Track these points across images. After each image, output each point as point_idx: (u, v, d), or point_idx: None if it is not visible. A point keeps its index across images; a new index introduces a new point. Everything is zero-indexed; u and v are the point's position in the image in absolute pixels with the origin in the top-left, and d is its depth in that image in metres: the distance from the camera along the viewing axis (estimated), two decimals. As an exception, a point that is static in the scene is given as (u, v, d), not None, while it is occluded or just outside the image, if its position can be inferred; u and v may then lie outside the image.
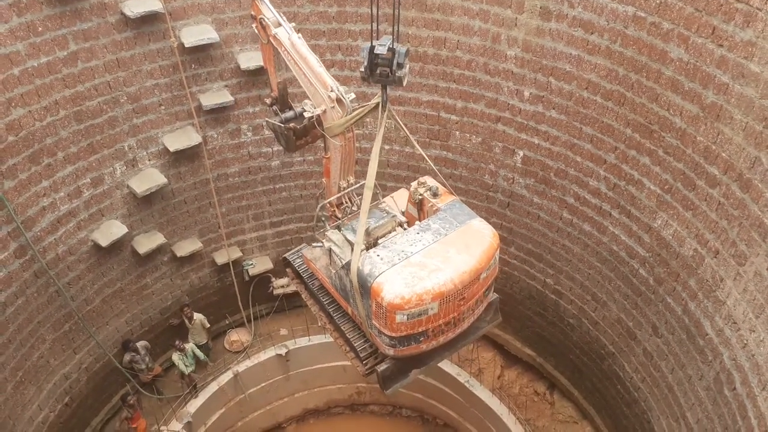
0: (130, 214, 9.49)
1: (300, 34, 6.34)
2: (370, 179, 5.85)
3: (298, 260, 7.76)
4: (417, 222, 6.42)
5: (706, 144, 6.65)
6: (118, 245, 9.40)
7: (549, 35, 7.90)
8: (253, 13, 6.60)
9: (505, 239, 9.97)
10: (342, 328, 7.02)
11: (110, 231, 9.18)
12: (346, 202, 6.98)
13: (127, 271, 9.91)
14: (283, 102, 6.84)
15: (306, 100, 6.48)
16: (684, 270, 7.36)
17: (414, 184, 6.68)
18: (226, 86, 9.42)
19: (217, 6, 8.74)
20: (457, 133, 9.54)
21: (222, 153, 10.04)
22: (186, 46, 8.58)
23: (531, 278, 10.15)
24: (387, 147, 10.20)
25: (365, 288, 5.84)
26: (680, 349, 7.67)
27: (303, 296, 7.86)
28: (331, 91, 5.93)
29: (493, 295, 6.75)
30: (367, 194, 5.89)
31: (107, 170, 8.96)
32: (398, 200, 6.94)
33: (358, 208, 6.75)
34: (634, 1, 6.90)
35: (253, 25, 6.71)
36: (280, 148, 10.24)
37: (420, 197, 6.56)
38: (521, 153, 9.09)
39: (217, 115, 9.61)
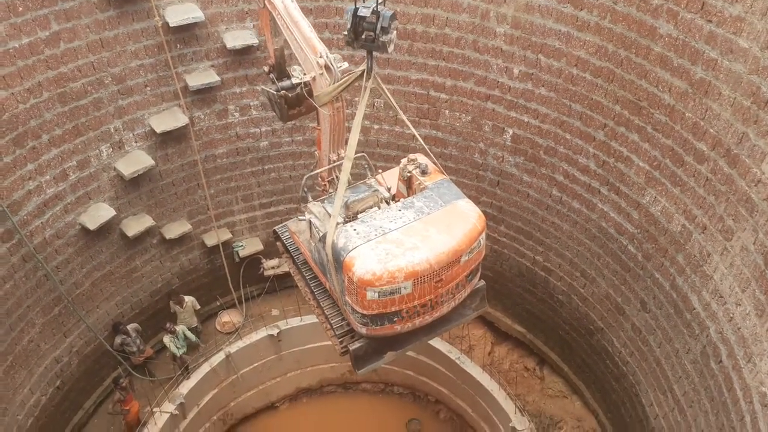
0: (117, 196, 9.40)
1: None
2: (351, 149, 5.69)
3: (288, 234, 7.66)
4: (402, 199, 6.27)
5: (695, 120, 6.68)
6: (106, 228, 9.33)
7: (538, 12, 7.85)
8: None
9: (495, 217, 10.00)
10: (321, 304, 6.89)
11: (98, 214, 9.10)
12: (337, 176, 6.79)
13: (116, 254, 9.85)
14: (280, 70, 6.71)
15: (295, 66, 6.35)
16: (672, 246, 7.44)
17: (404, 161, 6.55)
18: (212, 66, 9.30)
19: (201, -16, 8.60)
20: (447, 111, 9.50)
21: (209, 134, 9.94)
22: (171, 25, 8.44)
23: (521, 256, 10.21)
24: (376, 126, 10.15)
25: (339, 262, 5.70)
26: (668, 324, 7.78)
27: (291, 271, 7.75)
28: (320, 57, 5.73)
29: (479, 282, 6.59)
30: (347, 165, 5.74)
31: (93, 153, 8.85)
32: (389, 178, 6.79)
33: (350, 181, 6.56)
34: (624, -24, 6.87)
35: None
36: (269, 128, 10.28)
37: (409, 174, 6.43)
38: (511, 131, 9.09)
39: (204, 95, 9.49)
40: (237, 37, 9.07)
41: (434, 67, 9.17)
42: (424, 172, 6.37)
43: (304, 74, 6.13)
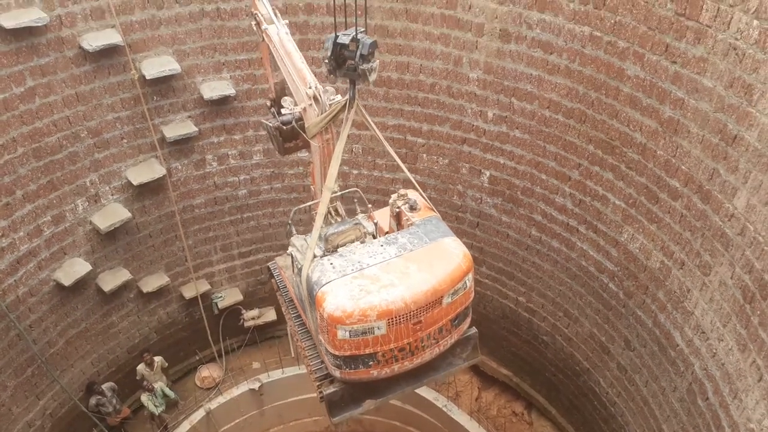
0: (93, 251, 9.24)
1: (288, 30, 6.20)
2: (330, 179, 5.53)
3: (278, 270, 7.49)
4: (386, 234, 6.05)
5: (666, 158, 6.81)
6: (81, 284, 9.13)
7: (509, 57, 8.06)
8: (253, 10, 6.58)
9: (476, 259, 9.99)
10: (302, 344, 6.57)
11: (73, 269, 8.91)
12: (330, 210, 6.59)
13: (91, 310, 9.61)
14: (280, 104, 6.73)
15: (286, 97, 6.35)
16: (652, 282, 7.47)
17: (394, 196, 6.35)
18: (189, 117, 9.34)
19: (177, 37, 8.69)
20: (424, 155, 9.60)
21: (187, 184, 9.90)
22: (147, 78, 8.49)
23: (503, 297, 10.18)
24: (356, 171, 10.20)
25: (312, 297, 5.42)
26: (653, 362, 7.74)
27: (283, 309, 7.47)
28: (309, 87, 5.67)
29: (470, 329, 6.24)
30: (326, 195, 5.57)
31: (69, 207, 8.73)
32: (381, 215, 6.54)
33: (341, 216, 6.47)
34: (590, 21, 7.09)
35: (253, 23, 6.67)
36: (247, 176, 10.28)
37: (397, 210, 6.22)
38: (488, 173, 9.18)
39: (182, 146, 9.49)
40: (214, 88, 9.15)
41: (410, 112, 9.31)
42: (412, 208, 6.14)
43: (295, 105, 6.10)
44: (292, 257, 6.19)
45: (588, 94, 7.50)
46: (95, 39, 7.93)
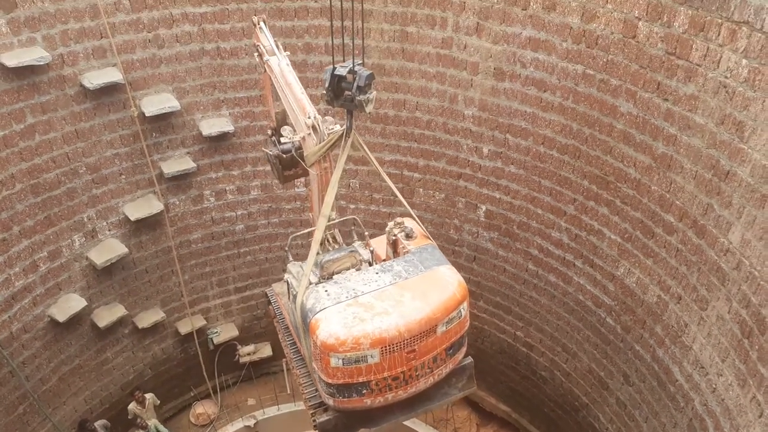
0: (89, 286, 9.20)
1: (289, 62, 6.32)
2: (326, 207, 5.59)
3: (275, 297, 7.44)
4: (381, 262, 6.07)
5: (661, 193, 6.89)
6: (76, 320, 9.06)
7: (504, 94, 8.20)
8: (255, 42, 6.71)
9: (474, 293, 9.99)
10: (297, 371, 6.49)
11: (68, 305, 8.85)
12: (328, 238, 6.64)
13: (86, 346, 9.52)
14: (280, 133, 6.80)
15: (286, 126, 6.43)
16: (649, 317, 7.47)
17: (390, 224, 6.40)
18: (188, 153, 9.41)
19: (177, 75, 8.82)
20: (421, 190, 9.68)
21: (184, 219, 9.92)
22: (147, 115, 8.58)
23: (501, 332, 10.14)
24: (353, 206, 10.25)
25: (306, 324, 5.42)
26: (652, 397, 7.69)
27: (280, 337, 7.37)
28: (308, 117, 5.76)
29: (466, 359, 6.22)
30: (321, 222, 5.61)
31: (65, 242, 8.72)
32: (378, 244, 6.55)
33: (339, 244, 6.50)
34: (583, 59, 7.25)
35: (255, 55, 6.80)
36: (244, 212, 10.32)
37: (394, 238, 6.25)
38: (484, 207, 9.25)
39: (179, 182, 9.54)
40: (213, 125, 9.25)
41: (407, 148, 9.41)
42: (409, 236, 6.17)
43: (295, 134, 6.19)
44: (287, 283, 6.18)
45: (582, 130, 7.62)
46: (96, 77, 8.03)
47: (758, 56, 5.37)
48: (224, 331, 11.16)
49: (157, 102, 8.69)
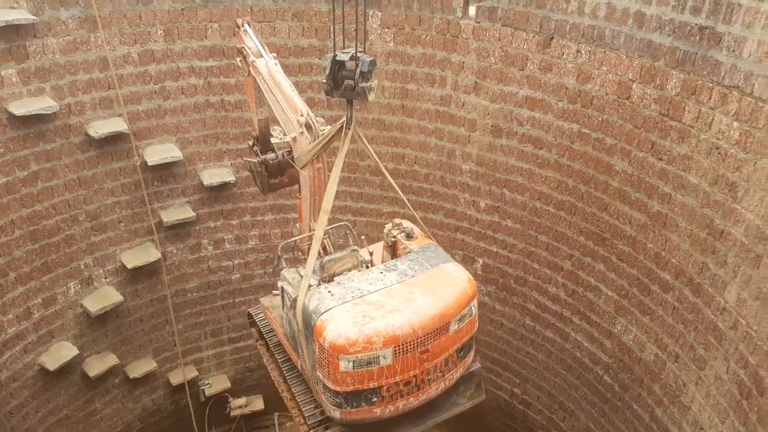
0: (82, 334, 9.10)
1: (277, 62, 6.26)
2: (327, 202, 5.38)
3: (262, 315, 7.13)
4: (384, 262, 5.86)
5: (656, 250, 6.95)
6: (66, 368, 8.90)
7: (501, 150, 8.36)
8: (237, 45, 6.61)
9: (470, 348, 9.90)
10: (293, 389, 6.20)
11: (59, 353, 8.71)
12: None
13: (74, 396, 9.33)
14: (264, 142, 6.67)
15: (275, 126, 6.31)
16: (647, 375, 7.40)
17: (388, 226, 6.25)
18: (188, 202, 9.48)
19: (181, 126, 8.98)
20: (418, 243, 9.71)
21: (181, 268, 9.90)
22: (149, 164, 8.69)
23: (498, 388, 10.00)
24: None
25: (309, 328, 5.14)
26: (652, 458, 7.54)
27: (264, 360, 7.11)
28: (301, 115, 5.66)
29: (474, 364, 5.97)
30: (323, 218, 5.42)
31: (60, 289, 8.68)
32: (375, 249, 6.36)
33: (330, 253, 6.25)
34: (578, 119, 7.44)
35: (237, 59, 6.71)
36: (241, 261, 10.31)
37: (393, 240, 6.08)
38: (481, 261, 9.28)
39: (178, 230, 9.58)
40: (214, 175, 9.36)
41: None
42: (409, 237, 6.03)
43: (284, 135, 6.10)
44: (282, 291, 5.92)
45: (578, 187, 7.74)
46: (102, 127, 8.16)
47: (749, 119, 5.53)
48: (216, 383, 10.97)
49: (160, 152, 8.82)
